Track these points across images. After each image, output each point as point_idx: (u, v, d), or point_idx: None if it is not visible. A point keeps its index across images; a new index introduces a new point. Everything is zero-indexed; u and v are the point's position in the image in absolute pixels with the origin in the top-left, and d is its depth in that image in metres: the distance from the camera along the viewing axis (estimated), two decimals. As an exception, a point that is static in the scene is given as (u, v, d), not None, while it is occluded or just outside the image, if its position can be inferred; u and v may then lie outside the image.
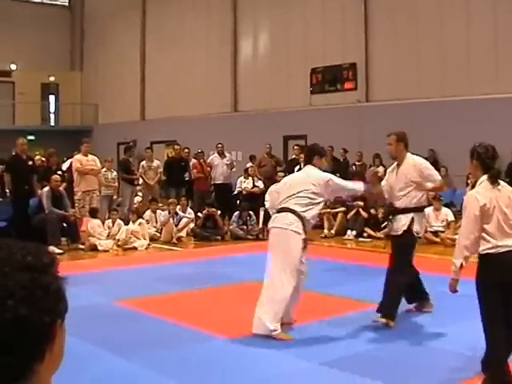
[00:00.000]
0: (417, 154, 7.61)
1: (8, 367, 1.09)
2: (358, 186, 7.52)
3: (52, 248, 11.33)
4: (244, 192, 16.92)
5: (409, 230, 7.14)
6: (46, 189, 13.56)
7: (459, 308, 7.74)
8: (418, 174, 7.20)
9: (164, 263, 11.87)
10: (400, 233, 7.19)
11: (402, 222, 7.17)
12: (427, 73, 19.97)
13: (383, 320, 6.95)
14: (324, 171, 7.20)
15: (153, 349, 6.27)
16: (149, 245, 13.80)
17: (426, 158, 8.19)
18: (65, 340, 1.21)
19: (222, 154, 18.03)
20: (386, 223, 8.04)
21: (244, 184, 17.10)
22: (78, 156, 15.21)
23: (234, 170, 18.22)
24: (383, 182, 7.57)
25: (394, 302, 7.13)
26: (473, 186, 15.98)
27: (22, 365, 1.11)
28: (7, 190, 14.93)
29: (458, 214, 15.15)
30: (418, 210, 7.30)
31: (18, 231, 12.62)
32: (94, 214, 14.10)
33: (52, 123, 34.89)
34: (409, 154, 7.35)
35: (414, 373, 5.73)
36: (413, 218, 7.15)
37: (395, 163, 7.45)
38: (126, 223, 14.00)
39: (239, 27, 26.45)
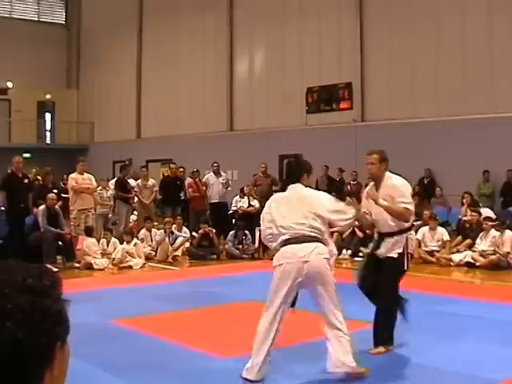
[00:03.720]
0: (407, 174, 7.30)
1: None
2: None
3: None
4: (240, 211, 16.90)
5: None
6: (42, 207, 13.54)
7: (455, 327, 7.73)
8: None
9: (159, 282, 11.83)
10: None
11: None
12: (423, 92, 20.06)
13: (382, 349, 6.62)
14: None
15: (149, 368, 6.23)
16: (144, 264, 13.76)
17: (422, 178, 8.11)
18: (68, 361, 1.21)
19: (217, 173, 18.02)
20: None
21: (240, 203, 17.09)
22: (74, 174, 15.12)
23: (229, 189, 18.21)
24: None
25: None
26: (468, 205, 15.89)
27: None
28: (2, 208, 14.87)
29: (453, 234, 15.17)
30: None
31: (14, 249, 12.57)
32: (89, 232, 14.08)
33: (48, 141, 34.97)
34: (387, 174, 6.76)
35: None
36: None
37: (372, 183, 6.92)
38: (122, 242, 13.96)
39: (235, 46, 26.57)
